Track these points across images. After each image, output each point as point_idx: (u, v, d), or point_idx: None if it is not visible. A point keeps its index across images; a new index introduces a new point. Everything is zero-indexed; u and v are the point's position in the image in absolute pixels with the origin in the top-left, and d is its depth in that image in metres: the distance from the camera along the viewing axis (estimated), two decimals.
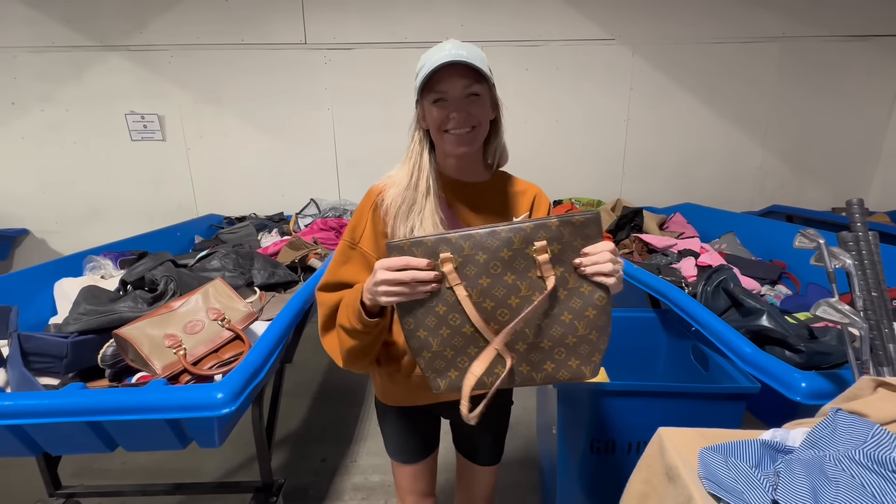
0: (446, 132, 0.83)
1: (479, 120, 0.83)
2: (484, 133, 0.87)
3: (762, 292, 1.97)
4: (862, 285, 0.84)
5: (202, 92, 3.25)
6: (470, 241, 0.72)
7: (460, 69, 0.80)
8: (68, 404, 0.95)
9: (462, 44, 0.82)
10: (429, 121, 0.85)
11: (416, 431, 1.04)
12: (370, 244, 0.90)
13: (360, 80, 3.25)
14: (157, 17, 3.11)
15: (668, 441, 0.82)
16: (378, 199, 0.89)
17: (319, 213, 3.13)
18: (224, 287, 1.35)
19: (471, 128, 0.83)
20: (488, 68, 0.83)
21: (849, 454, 0.70)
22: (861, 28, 3.15)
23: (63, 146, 3.29)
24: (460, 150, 0.84)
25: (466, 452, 1.11)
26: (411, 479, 1.08)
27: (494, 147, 0.92)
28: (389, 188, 0.89)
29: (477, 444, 1.08)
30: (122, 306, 1.35)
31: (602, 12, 3.16)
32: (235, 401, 0.98)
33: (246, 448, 1.94)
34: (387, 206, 0.88)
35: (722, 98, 3.30)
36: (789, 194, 3.44)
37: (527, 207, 0.93)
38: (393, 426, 1.05)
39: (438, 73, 0.80)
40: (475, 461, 1.09)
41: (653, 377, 1.58)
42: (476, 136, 0.84)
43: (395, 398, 1.00)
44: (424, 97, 0.84)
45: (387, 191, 0.89)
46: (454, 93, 0.81)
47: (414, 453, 1.06)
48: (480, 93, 0.82)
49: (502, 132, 0.92)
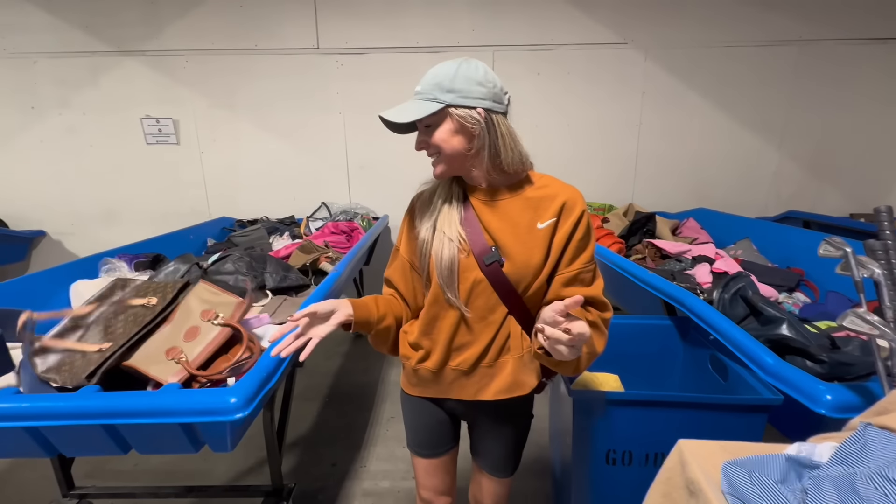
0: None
1: (437, 146, 0.88)
2: (452, 154, 0.88)
3: (780, 300, 1.93)
4: (892, 295, 0.81)
5: (216, 96, 3.29)
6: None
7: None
8: (84, 407, 0.95)
9: (416, 90, 0.88)
10: None
11: (430, 425, 1.07)
12: (405, 246, 1.01)
13: (372, 84, 3.26)
14: (172, 22, 3.16)
15: (690, 454, 0.80)
16: (414, 203, 1.01)
17: (330, 217, 3.14)
18: (206, 286, 1.35)
19: (436, 153, 0.90)
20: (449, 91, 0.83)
21: (881, 472, 0.67)
22: (880, 30, 3.08)
23: (80, 150, 3.35)
24: (435, 172, 0.92)
25: (480, 460, 1.09)
26: (424, 473, 1.10)
27: (501, 158, 0.87)
28: (421, 195, 1.01)
29: (491, 452, 1.06)
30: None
31: (614, 16, 3.14)
32: (248, 406, 0.98)
33: (257, 451, 1.94)
34: (415, 203, 1.01)
35: (736, 102, 3.26)
36: (806, 200, 3.37)
37: (554, 213, 0.88)
38: (409, 415, 1.09)
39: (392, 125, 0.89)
40: (488, 471, 1.08)
41: (668, 386, 1.55)
42: (444, 159, 0.89)
43: (411, 388, 1.06)
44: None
45: (419, 196, 1.01)
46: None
47: (426, 447, 1.08)
48: (431, 124, 0.88)
49: (506, 141, 0.87)
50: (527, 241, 0.89)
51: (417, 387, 1.04)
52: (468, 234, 0.90)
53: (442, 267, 0.90)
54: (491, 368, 0.95)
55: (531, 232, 0.89)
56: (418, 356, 0.99)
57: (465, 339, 0.95)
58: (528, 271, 0.89)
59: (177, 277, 1.67)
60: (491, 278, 0.89)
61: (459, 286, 0.91)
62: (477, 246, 0.90)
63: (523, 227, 0.89)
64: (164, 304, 1.25)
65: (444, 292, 0.91)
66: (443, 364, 0.97)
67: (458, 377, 0.97)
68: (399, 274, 1.02)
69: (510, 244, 0.89)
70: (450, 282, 0.90)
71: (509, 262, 0.89)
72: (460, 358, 0.96)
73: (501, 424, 1.04)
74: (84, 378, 1.03)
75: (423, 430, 1.08)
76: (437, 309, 0.94)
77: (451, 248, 0.89)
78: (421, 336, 0.98)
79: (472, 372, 0.96)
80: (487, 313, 0.92)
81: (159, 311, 1.23)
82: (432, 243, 0.92)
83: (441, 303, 0.93)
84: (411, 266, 1.00)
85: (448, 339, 0.95)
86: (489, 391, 0.96)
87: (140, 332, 1.17)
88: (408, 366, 1.03)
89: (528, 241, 0.89)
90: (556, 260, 0.89)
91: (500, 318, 0.92)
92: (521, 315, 0.93)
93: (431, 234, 0.92)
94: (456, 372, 0.97)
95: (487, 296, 0.91)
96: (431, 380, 1.00)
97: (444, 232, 0.91)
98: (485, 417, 1.03)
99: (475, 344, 0.94)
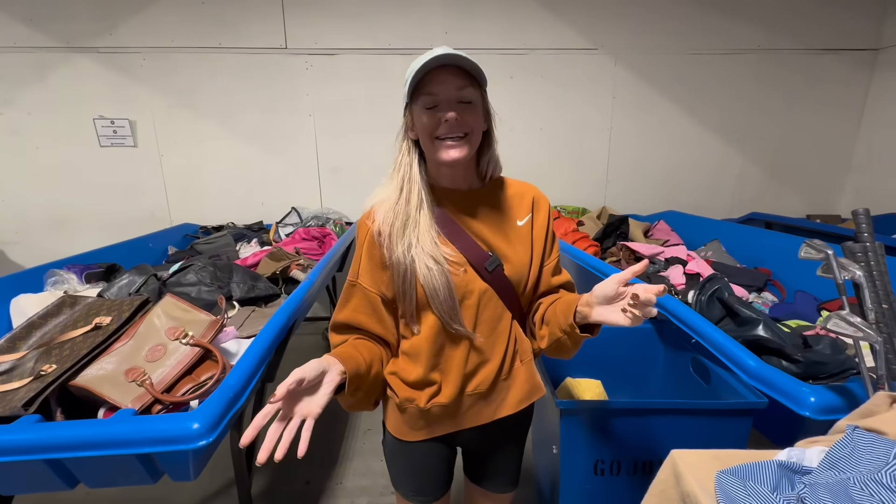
0: (437, 139, 0.79)
1: (471, 127, 0.79)
2: (477, 142, 0.83)
3: (750, 300, 1.97)
4: (873, 297, 0.82)
5: (177, 96, 3.11)
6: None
7: (453, 70, 0.76)
8: (21, 441, 0.85)
9: (455, 50, 0.77)
10: (419, 128, 0.81)
11: (434, 466, 0.95)
12: (368, 279, 0.85)
13: (343, 86, 3.18)
14: (127, 18, 2.97)
15: (684, 465, 0.77)
16: (371, 226, 0.84)
17: (301, 222, 3.02)
18: (175, 301, 1.25)
19: (463, 134, 0.79)
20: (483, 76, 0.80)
21: (874, 477, 0.67)
22: (832, 42, 3.26)
23: (24, 151, 3.10)
24: (452, 155, 0.79)
25: (483, 481, 1.01)
26: None
27: (488, 158, 0.88)
28: (378, 208, 0.84)
29: (494, 469, 0.99)
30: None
31: (585, 22, 3.18)
32: (213, 431, 0.90)
33: (224, 473, 1.82)
34: (379, 226, 0.82)
35: (702, 107, 3.37)
36: (767, 202, 3.52)
37: (528, 209, 0.90)
38: (408, 463, 0.95)
39: (430, 75, 0.76)
40: (492, 489, 1.00)
41: (650, 390, 1.55)
42: (468, 142, 0.80)
43: (413, 433, 0.91)
44: (415, 102, 0.79)
45: (376, 212, 0.84)
46: (446, 95, 0.77)
47: (430, 492, 0.96)
48: (473, 99, 0.79)
49: (495, 143, 0.88)
50: (514, 240, 0.88)
51: (425, 429, 0.89)
52: (460, 247, 0.83)
53: (440, 299, 0.80)
54: (507, 381, 0.89)
55: (515, 230, 0.88)
56: (428, 393, 0.86)
57: (479, 360, 0.86)
58: (525, 269, 0.88)
59: (131, 290, 1.54)
60: (495, 285, 0.84)
61: (464, 312, 0.83)
62: (473, 256, 0.83)
63: (508, 227, 0.88)
64: (118, 324, 1.14)
65: (447, 325, 0.82)
66: (459, 394, 0.86)
67: (475, 402, 0.88)
68: (366, 314, 0.86)
69: (503, 246, 0.86)
70: (452, 312, 0.81)
71: (508, 265, 0.86)
72: (477, 380, 0.86)
73: (512, 437, 0.98)
74: (20, 407, 0.92)
75: (425, 474, 0.95)
76: (443, 339, 0.84)
77: (442, 274, 0.79)
78: (429, 371, 0.85)
79: (492, 391, 0.88)
80: (496, 323, 0.86)
81: (112, 331, 1.12)
82: (416, 270, 0.79)
83: (447, 331, 0.84)
84: (382, 301, 0.85)
85: (462, 365, 0.85)
86: (509, 405, 0.89)
87: (90, 355, 1.06)
88: (411, 408, 0.87)
89: (515, 240, 0.88)
90: (540, 253, 0.90)
91: (508, 325, 0.88)
92: (521, 317, 0.91)
93: (411, 258, 0.79)
94: (473, 397, 0.87)
95: (494, 305, 0.85)
96: (443, 415, 0.87)
97: (428, 255, 0.79)
98: (496, 436, 0.95)
99: (491, 360, 0.86)
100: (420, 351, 0.84)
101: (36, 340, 1.14)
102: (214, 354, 1.13)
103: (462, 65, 0.76)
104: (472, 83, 0.78)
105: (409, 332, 0.87)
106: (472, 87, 0.78)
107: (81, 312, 1.20)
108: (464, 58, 0.75)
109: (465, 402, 0.87)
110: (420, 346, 0.84)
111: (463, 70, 0.77)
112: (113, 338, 1.11)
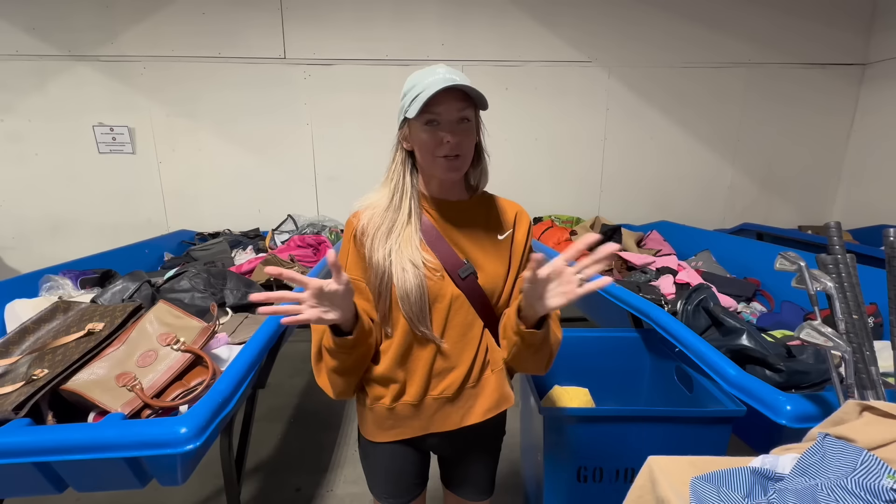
0: (437, 156, 0.83)
1: (469, 147, 0.85)
2: (470, 158, 0.87)
3: (739, 310, 2.00)
4: (843, 308, 0.84)
5: (176, 105, 3.16)
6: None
7: (457, 94, 0.80)
8: (11, 444, 0.86)
9: (454, 70, 0.82)
10: (416, 143, 0.85)
11: (405, 469, 0.97)
12: (357, 271, 0.88)
13: (340, 95, 3.22)
14: (129, 27, 3.02)
15: (659, 472, 0.79)
16: (356, 224, 0.88)
17: (297, 230, 3.05)
18: (167, 308, 1.27)
19: (460, 153, 0.83)
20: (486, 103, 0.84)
21: (840, 483, 0.69)
22: (822, 57, 3.33)
23: (24, 158, 3.13)
24: (452, 176, 0.85)
25: (457, 488, 1.04)
26: None
27: (479, 170, 0.93)
28: (366, 211, 0.89)
29: (468, 477, 1.02)
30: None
31: (579, 36, 3.24)
32: (201, 435, 0.91)
33: (214, 479, 1.82)
34: (364, 226, 0.87)
35: (694, 119, 3.42)
36: (759, 212, 3.56)
37: (509, 225, 0.94)
38: (379, 464, 0.97)
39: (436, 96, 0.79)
40: (467, 497, 1.03)
41: (637, 397, 1.57)
42: (464, 162, 0.85)
43: (382, 433, 0.93)
44: (417, 118, 0.82)
45: (363, 213, 0.89)
46: (448, 116, 0.81)
47: (401, 494, 0.99)
48: (471, 118, 0.83)
49: (486, 155, 0.92)
50: (492, 253, 0.91)
51: (392, 430, 0.92)
52: (438, 254, 0.87)
53: (410, 301, 0.83)
54: (475, 389, 0.91)
55: (494, 244, 0.92)
56: (393, 392, 0.88)
57: (446, 364, 0.88)
58: (500, 281, 0.91)
59: (125, 296, 1.56)
60: (467, 292, 0.87)
61: (434, 315, 0.86)
62: (449, 262, 0.87)
63: (487, 240, 0.92)
64: (110, 330, 1.16)
65: (414, 327, 0.85)
66: (423, 395, 0.88)
67: (441, 406, 0.90)
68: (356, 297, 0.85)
69: (479, 257, 0.90)
70: (420, 315, 0.84)
71: (482, 274, 0.89)
72: (444, 384, 0.88)
73: (484, 446, 1.00)
74: (10, 411, 0.93)
75: (395, 476, 0.97)
76: (412, 339, 0.87)
77: (417, 276, 0.83)
78: (395, 368, 0.88)
79: (458, 397, 0.90)
80: (466, 330, 0.89)
81: (104, 336, 1.14)
82: (392, 273, 0.83)
83: (415, 333, 0.87)
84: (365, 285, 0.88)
85: (428, 366, 0.87)
86: (476, 413, 0.91)
87: (82, 359, 1.08)
88: (378, 407, 0.90)
89: (492, 252, 0.92)
90: (517, 266, 0.93)
91: (478, 333, 0.90)
92: (494, 327, 0.93)
93: (389, 262, 0.84)
94: (440, 401, 0.89)
95: (465, 312, 0.88)
96: (410, 416, 0.90)
97: (407, 259, 0.83)
98: (467, 443, 0.97)
99: (459, 367, 0.89)
100: (388, 348, 0.88)
101: (29, 345, 1.15)
102: (205, 360, 1.15)
103: (468, 92, 0.80)
104: (471, 104, 0.83)
105: (383, 334, 0.90)
106: (470, 108, 0.83)
107: (75, 318, 1.22)
108: (471, 87, 0.79)
109: (431, 405, 0.89)
110: (389, 343, 0.88)
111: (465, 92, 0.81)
112: (105, 343, 1.13)
